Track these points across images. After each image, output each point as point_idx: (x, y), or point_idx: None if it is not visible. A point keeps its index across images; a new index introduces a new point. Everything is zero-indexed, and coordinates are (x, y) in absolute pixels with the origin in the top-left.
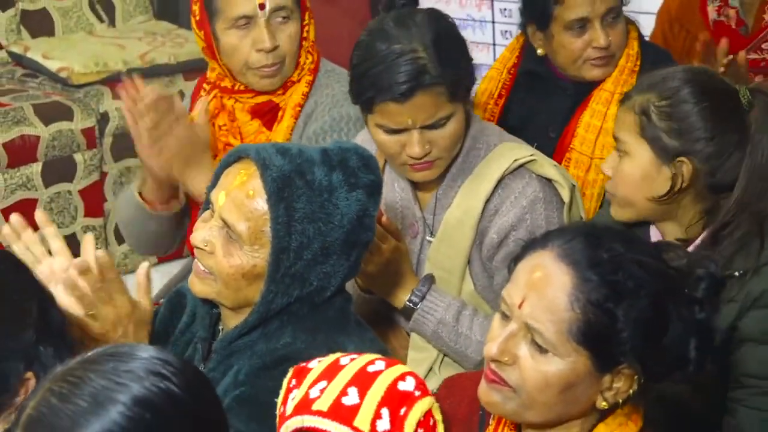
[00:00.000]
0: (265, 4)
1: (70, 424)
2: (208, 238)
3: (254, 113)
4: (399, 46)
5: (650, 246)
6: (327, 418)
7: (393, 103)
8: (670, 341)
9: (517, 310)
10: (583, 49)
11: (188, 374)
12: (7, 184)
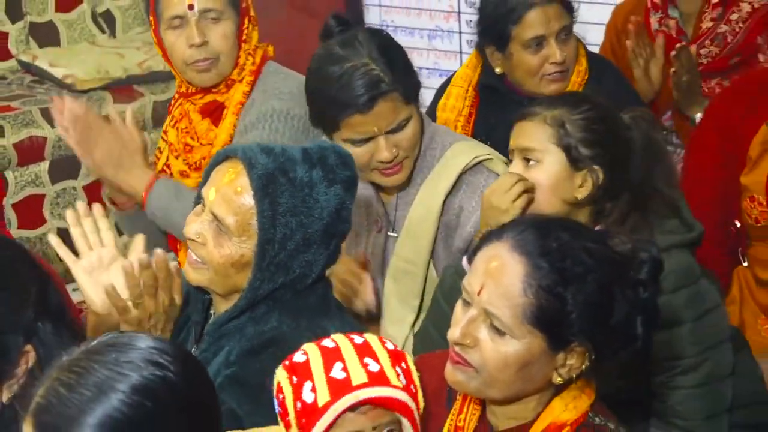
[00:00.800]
0: (193, 5)
1: (76, 412)
2: (200, 230)
3: (203, 112)
4: (350, 64)
5: (596, 234)
6: (373, 386)
7: (358, 115)
8: (617, 320)
9: (476, 297)
10: (541, 65)
11: (184, 362)
12: (17, 181)
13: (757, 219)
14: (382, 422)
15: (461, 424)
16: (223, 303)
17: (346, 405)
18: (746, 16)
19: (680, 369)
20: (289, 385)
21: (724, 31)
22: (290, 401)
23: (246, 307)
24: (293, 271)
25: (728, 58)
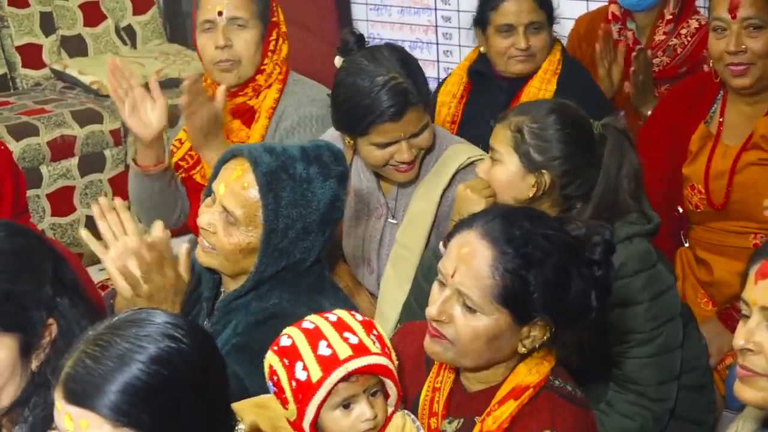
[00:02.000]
0: (222, 12)
1: (100, 380)
2: (211, 221)
3: (234, 114)
4: (381, 78)
5: (555, 221)
6: (357, 357)
7: (389, 123)
8: (574, 296)
9: (450, 279)
10: (507, 49)
11: (195, 335)
12: (50, 174)
13: (697, 205)
14: (369, 385)
15: (438, 386)
16: (231, 283)
17: (338, 377)
18: (694, 31)
19: (636, 341)
20: (282, 367)
21: (674, 44)
22: (285, 381)
23: (252, 288)
24: (294, 255)
25: (677, 67)
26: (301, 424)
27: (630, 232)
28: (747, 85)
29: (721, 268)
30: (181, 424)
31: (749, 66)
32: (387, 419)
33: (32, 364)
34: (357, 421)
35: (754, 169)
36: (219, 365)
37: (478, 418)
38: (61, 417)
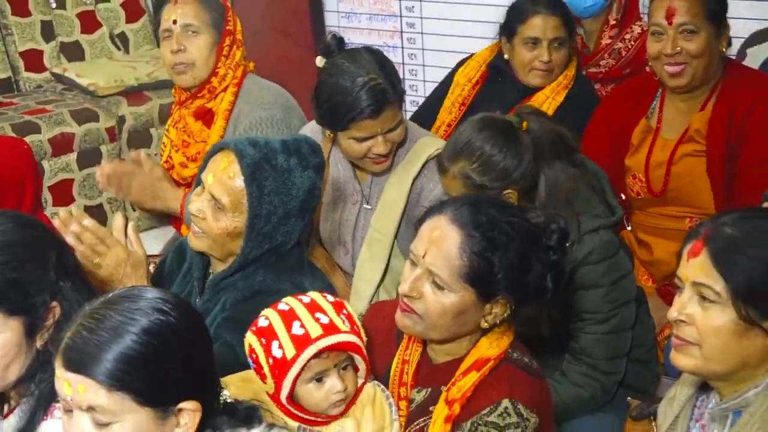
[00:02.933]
0: (177, 20)
1: (96, 350)
2: (200, 207)
3: (196, 116)
4: (361, 79)
5: (517, 209)
6: (327, 335)
7: (368, 120)
8: (532, 278)
9: (421, 260)
10: (531, 61)
11: (183, 309)
12: (51, 168)
13: (638, 192)
14: (340, 360)
15: (407, 358)
16: (219, 264)
17: (310, 355)
18: (637, 36)
19: (594, 320)
20: (260, 346)
21: (619, 48)
22: (263, 359)
23: (239, 268)
24: (276, 239)
25: (622, 69)
26: (279, 397)
27: (596, 224)
28: (683, 85)
29: (660, 248)
30: (170, 389)
31: (685, 65)
32: (357, 390)
33: (37, 343)
34: (329, 393)
35: (689, 159)
36: (204, 336)
37: (444, 387)
38: (61, 383)
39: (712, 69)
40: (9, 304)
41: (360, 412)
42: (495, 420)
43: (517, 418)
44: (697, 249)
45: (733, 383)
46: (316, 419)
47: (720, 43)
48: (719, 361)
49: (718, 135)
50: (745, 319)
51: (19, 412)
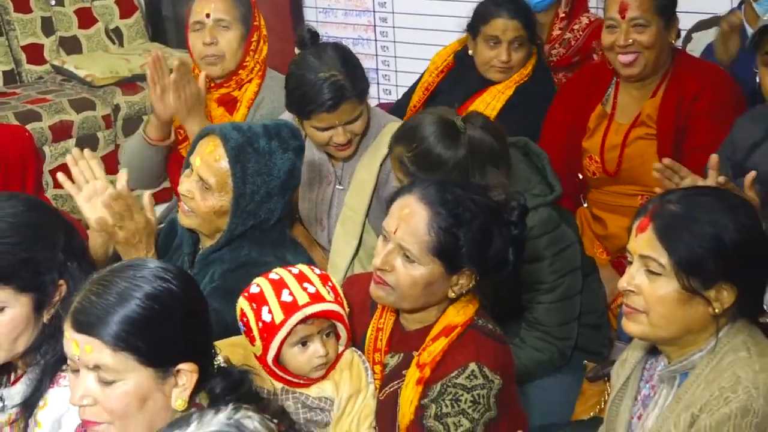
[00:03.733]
0: (210, 14)
1: (103, 313)
2: (189, 188)
3: (219, 102)
4: (323, 74)
5: (480, 188)
6: (313, 303)
7: (325, 113)
8: (495, 251)
9: (393, 235)
10: (491, 59)
11: (182, 277)
12: (52, 153)
13: (594, 172)
14: (323, 327)
15: (381, 326)
16: (207, 240)
17: (297, 320)
18: (585, 26)
19: (543, 290)
20: (251, 310)
21: (568, 38)
22: (253, 322)
23: (225, 243)
24: (259, 216)
25: (571, 57)
26: (266, 359)
27: (535, 203)
28: (635, 74)
29: (614, 223)
30: (170, 350)
31: (637, 56)
32: (338, 356)
33: (44, 318)
34: (312, 356)
35: (641, 142)
36: (201, 302)
37: (415, 352)
38: (70, 344)
39: (662, 59)
40: (20, 282)
41: (339, 376)
42: (462, 382)
43: (483, 380)
44: (644, 225)
45: (678, 347)
46: (299, 381)
47: (669, 34)
48: (665, 327)
49: (668, 120)
50: (687, 289)
51: (26, 380)
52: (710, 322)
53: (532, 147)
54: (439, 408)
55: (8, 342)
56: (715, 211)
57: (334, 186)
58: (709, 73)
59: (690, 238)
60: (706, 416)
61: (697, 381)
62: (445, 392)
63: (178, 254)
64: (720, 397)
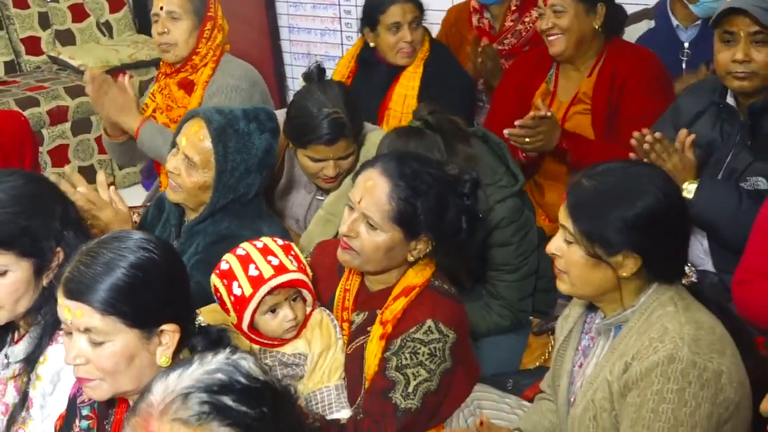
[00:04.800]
0: (163, 7)
1: (92, 282)
2: (176, 165)
3: (179, 85)
4: (326, 110)
5: (436, 162)
6: (278, 275)
7: (323, 146)
8: (449, 219)
9: (357, 205)
10: (397, 43)
11: (163, 247)
12: (50, 135)
13: None
14: (290, 294)
15: (348, 287)
16: (192, 213)
17: (264, 292)
18: (534, 19)
19: (507, 270)
20: (223, 286)
21: (519, 29)
22: (226, 297)
23: (208, 216)
24: (239, 190)
25: (522, 47)
26: (242, 327)
27: (503, 194)
28: (558, 53)
29: (552, 191)
30: (153, 313)
31: (558, 36)
32: (306, 317)
33: (43, 282)
34: (282, 321)
35: (579, 116)
36: (181, 270)
37: (379, 310)
38: (62, 310)
39: (587, 42)
40: (21, 248)
41: (310, 333)
42: (420, 336)
43: (439, 335)
44: (564, 198)
45: (607, 303)
46: (273, 342)
47: (593, 20)
48: (581, 287)
49: (602, 96)
50: (592, 255)
51: (27, 339)
52: (625, 283)
53: (491, 136)
54: (399, 360)
55: (10, 303)
56: (621, 188)
57: (314, 196)
58: (639, 55)
59: (592, 211)
60: (637, 363)
61: (630, 333)
62: (405, 346)
63: (166, 227)
64: (650, 346)
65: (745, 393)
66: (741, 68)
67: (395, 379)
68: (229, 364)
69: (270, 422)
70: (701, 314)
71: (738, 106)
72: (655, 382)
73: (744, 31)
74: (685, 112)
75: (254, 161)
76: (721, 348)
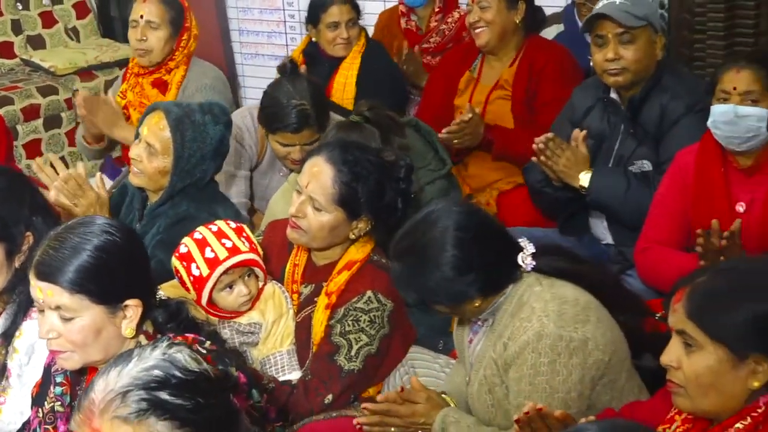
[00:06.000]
0: (143, 16)
1: (60, 264)
2: (138, 152)
3: (153, 85)
4: (294, 101)
5: (375, 150)
6: (231, 256)
7: (289, 133)
8: (387, 200)
9: (305, 189)
10: (335, 39)
11: (125, 231)
12: (24, 130)
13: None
14: (243, 272)
15: (297, 262)
16: (154, 196)
17: (219, 272)
18: (456, 19)
19: None
20: (182, 268)
21: (443, 29)
22: (185, 277)
23: (168, 199)
24: (195, 175)
25: (446, 44)
26: (201, 303)
27: (432, 177)
28: (482, 44)
29: (475, 164)
30: (117, 290)
31: (483, 29)
32: (259, 291)
33: (15, 263)
34: (237, 296)
35: (499, 101)
36: (142, 251)
37: (324, 283)
38: (35, 290)
39: (509, 35)
40: None
41: (264, 305)
42: (361, 306)
43: (378, 304)
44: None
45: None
46: (230, 315)
47: (515, 15)
48: None
49: (521, 84)
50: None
51: (4, 316)
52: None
53: (422, 125)
54: (343, 327)
55: None
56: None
57: (286, 177)
58: (553, 49)
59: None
60: (512, 344)
61: (506, 315)
62: (348, 314)
63: (130, 209)
64: (520, 327)
65: (615, 348)
66: (613, 65)
67: (339, 344)
68: (165, 359)
69: (205, 410)
70: (565, 289)
71: (620, 99)
72: (528, 359)
73: (611, 33)
74: (577, 108)
75: (209, 149)
76: (585, 317)
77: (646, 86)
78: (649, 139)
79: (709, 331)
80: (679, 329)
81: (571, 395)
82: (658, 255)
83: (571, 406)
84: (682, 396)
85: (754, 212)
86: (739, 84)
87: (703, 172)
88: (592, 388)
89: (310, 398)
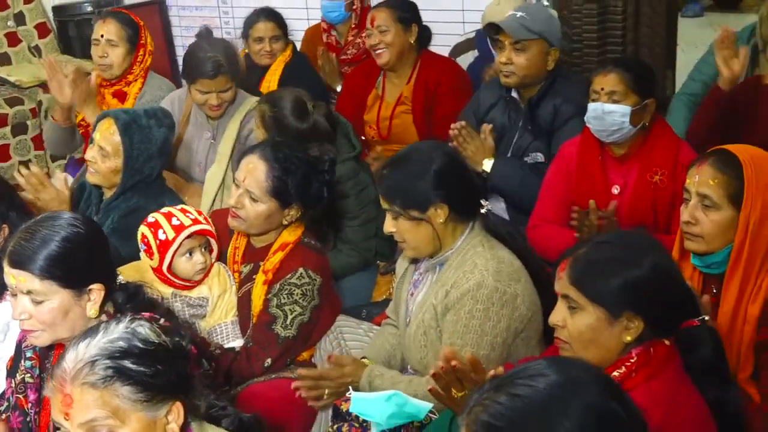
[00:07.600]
0: (103, 35)
1: (31, 253)
2: (93, 155)
3: (113, 95)
4: (209, 54)
5: (302, 148)
6: (194, 225)
7: (207, 80)
8: (314, 190)
9: (242, 183)
10: (259, 51)
11: (88, 223)
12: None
13: (373, 136)
14: (202, 242)
15: (237, 245)
16: (108, 192)
17: (185, 236)
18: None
19: (349, 217)
20: (150, 233)
21: (358, 42)
22: (152, 241)
23: (120, 194)
24: (144, 172)
25: (361, 56)
26: (161, 268)
27: (343, 158)
28: (384, 63)
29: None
30: (82, 276)
31: (383, 51)
32: (210, 267)
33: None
34: (195, 264)
35: (403, 115)
36: (104, 242)
37: (261, 262)
38: (8, 276)
39: (405, 53)
40: None
41: (211, 281)
42: (294, 281)
43: (308, 279)
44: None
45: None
46: (185, 284)
47: (410, 36)
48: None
49: (419, 99)
50: (410, 218)
51: None
52: (441, 230)
53: (340, 119)
54: (279, 300)
55: None
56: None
57: (210, 140)
58: (445, 66)
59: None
60: (454, 290)
61: (450, 268)
62: (283, 289)
63: (88, 203)
64: (463, 278)
65: (536, 309)
66: (505, 69)
67: (276, 315)
68: (129, 332)
69: (164, 376)
70: (503, 252)
71: (521, 99)
72: (467, 304)
73: (507, 41)
74: (482, 103)
75: (155, 149)
76: (518, 277)
77: (543, 89)
78: (543, 135)
79: (589, 294)
80: (564, 294)
81: (497, 340)
82: (546, 231)
83: (495, 349)
84: (568, 350)
85: (626, 194)
86: (606, 85)
87: (584, 160)
88: (513, 338)
89: (251, 362)
